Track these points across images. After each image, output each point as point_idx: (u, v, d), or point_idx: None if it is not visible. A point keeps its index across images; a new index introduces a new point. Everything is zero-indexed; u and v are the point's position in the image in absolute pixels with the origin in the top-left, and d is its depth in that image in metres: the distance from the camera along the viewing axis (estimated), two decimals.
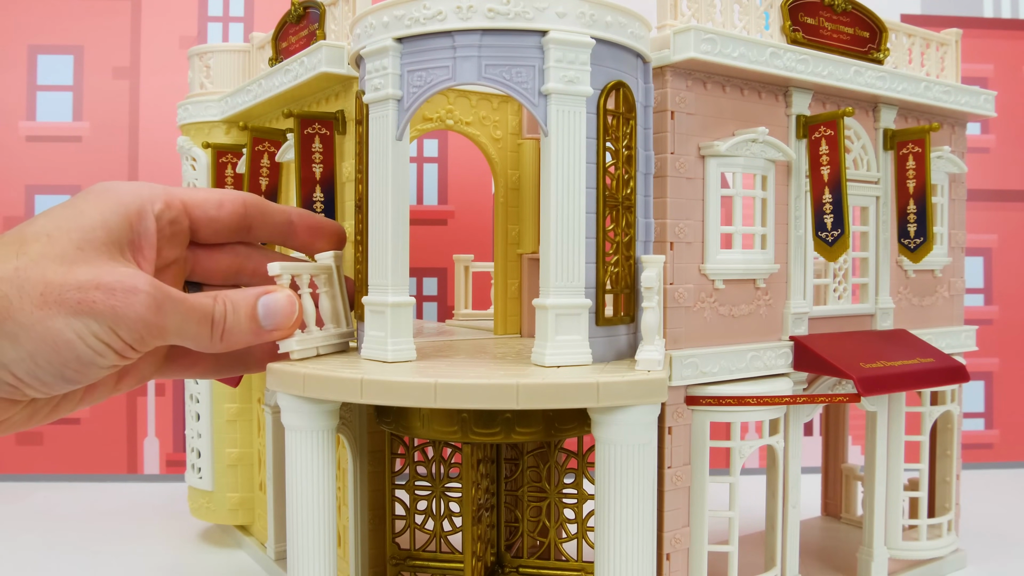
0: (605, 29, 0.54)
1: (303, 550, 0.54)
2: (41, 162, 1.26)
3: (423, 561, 0.72)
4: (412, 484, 0.73)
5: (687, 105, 0.65)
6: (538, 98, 0.53)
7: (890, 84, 0.76)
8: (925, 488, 0.83)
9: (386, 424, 0.62)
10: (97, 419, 1.26)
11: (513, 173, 0.85)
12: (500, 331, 0.84)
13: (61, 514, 1.08)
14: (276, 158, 0.81)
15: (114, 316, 0.39)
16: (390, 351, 0.55)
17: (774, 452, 0.70)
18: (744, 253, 0.68)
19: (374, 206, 0.56)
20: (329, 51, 0.69)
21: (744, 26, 0.69)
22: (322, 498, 0.54)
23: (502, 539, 0.74)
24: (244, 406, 0.94)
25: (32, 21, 1.26)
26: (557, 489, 0.72)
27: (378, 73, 0.55)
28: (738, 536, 0.68)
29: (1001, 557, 0.91)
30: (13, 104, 1.26)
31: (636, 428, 0.50)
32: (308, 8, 0.78)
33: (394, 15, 0.54)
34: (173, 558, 0.92)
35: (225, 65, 0.95)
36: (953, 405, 0.85)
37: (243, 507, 0.95)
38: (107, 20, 1.27)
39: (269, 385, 0.55)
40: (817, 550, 0.90)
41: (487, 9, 0.52)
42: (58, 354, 0.38)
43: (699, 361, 0.65)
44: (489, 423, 0.56)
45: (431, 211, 1.29)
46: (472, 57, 0.53)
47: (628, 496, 0.49)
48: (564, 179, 0.53)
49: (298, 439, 0.54)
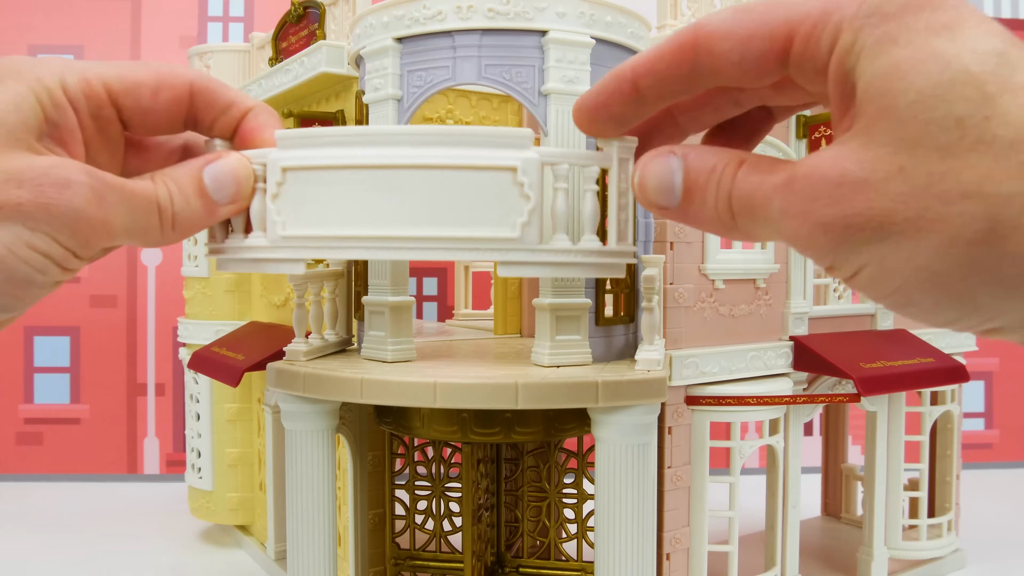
0: (605, 29, 0.54)
1: (303, 550, 0.54)
2: None
3: (423, 561, 0.72)
4: (412, 484, 0.73)
5: None
6: (538, 98, 0.53)
7: None
8: (925, 488, 0.83)
9: (386, 424, 0.62)
10: (97, 419, 1.26)
11: None
12: (500, 331, 0.84)
13: (61, 514, 1.08)
14: None
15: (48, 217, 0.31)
16: (390, 351, 0.55)
17: (774, 452, 0.70)
18: (744, 253, 0.69)
19: None
20: (329, 51, 0.69)
21: None
22: (322, 498, 0.54)
23: (502, 539, 0.74)
24: (244, 406, 0.94)
25: (32, 21, 1.26)
26: (557, 489, 0.72)
27: (378, 73, 0.55)
28: (738, 536, 0.68)
29: (1001, 557, 0.91)
30: None
31: (636, 428, 0.50)
32: (308, 8, 0.78)
33: (394, 15, 0.54)
34: (173, 558, 0.92)
35: (225, 65, 0.95)
36: (953, 405, 0.85)
37: (243, 507, 0.95)
38: (107, 20, 1.27)
39: (269, 384, 0.55)
40: (817, 550, 0.90)
41: (487, 9, 0.52)
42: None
43: (699, 361, 0.65)
44: (489, 423, 0.56)
45: None
46: (472, 57, 0.53)
47: (628, 496, 0.49)
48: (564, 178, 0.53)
49: (298, 439, 0.54)
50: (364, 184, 0.41)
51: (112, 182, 0.34)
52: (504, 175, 0.40)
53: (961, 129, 0.24)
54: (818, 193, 0.26)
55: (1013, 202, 0.23)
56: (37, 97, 0.33)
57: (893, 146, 0.25)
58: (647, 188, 0.33)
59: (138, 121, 0.38)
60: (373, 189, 0.41)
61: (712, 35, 0.30)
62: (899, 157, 0.25)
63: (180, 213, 0.37)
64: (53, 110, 0.34)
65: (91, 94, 0.35)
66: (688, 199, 0.32)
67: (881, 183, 0.25)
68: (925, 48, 0.25)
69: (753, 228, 0.30)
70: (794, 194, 0.27)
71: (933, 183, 0.24)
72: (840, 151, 0.26)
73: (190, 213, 0.38)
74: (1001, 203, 0.23)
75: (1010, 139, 0.24)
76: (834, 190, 0.26)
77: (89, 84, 0.35)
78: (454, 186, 0.40)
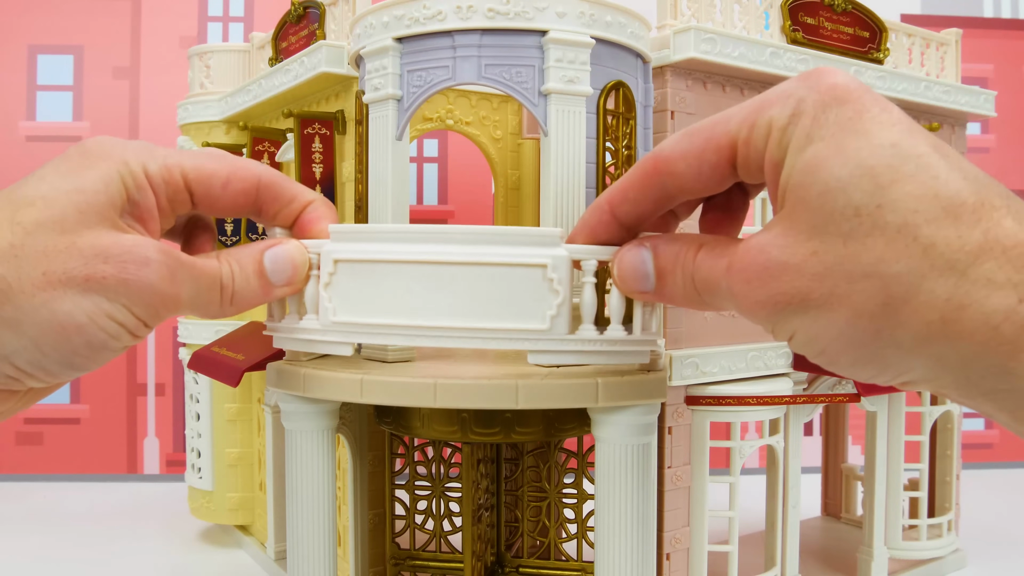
0: (605, 29, 0.54)
1: (303, 550, 0.54)
2: (41, 162, 1.25)
3: (423, 561, 0.72)
4: (412, 484, 0.73)
5: (687, 105, 0.65)
6: (538, 98, 0.53)
7: (890, 84, 0.76)
8: (925, 488, 0.83)
9: (386, 424, 0.62)
10: (97, 419, 1.26)
11: (513, 173, 0.85)
12: None
13: (61, 514, 1.08)
14: (276, 158, 0.81)
15: (127, 291, 0.35)
16: (390, 351, 0.55)
17: (774, 452, 0.70)
18: None
19: (374, 206, 0.56)
20: (329, 51, 0.69)
21: (744, 26, 0.69)
22: (322, 498, 0.54)
23: (502, 539, 0.74)
24: (244, 406, 0.94)
25: (32, 21, 1.26)
26: (557, 489, 0.72)
27: (378, 73, 0.55)
28: (738, 536, 0.68)
29: (1001, 557, 0.91)
30: (13, 104, 1.26)
31: (636, 428, 0.50)
32: (308, 8, 0.78)
33: (394, 15, 0.54)
34: (173, 558, 0.92)
35: (225, 65, 0.95)
36: (953, 405, 0.85)
37: (243, 507, 0.95)
38: (107, 20, 1.27)
39: (269, 384, 0.55)
40: (817, 550, 0.90)
41: (487, 9, 0.52)
42: (67, 340, 0.33)
43: (699, 361, 0.65)
44: (489, 423, 0.56)
45: (431, 211, 1.29)
46: (472, 57, 0.53)
47: (628, 496, 0.49)
48: (564, 179, 0.53)
49: (298, 439, 0.54)
50: (407, 277, 0.45)
51: (184, 260, 0.38)
52: (536, 271, 0.44)
53: (859, 217, 0.28)
54: (750, 277, 0.31)
55: (902, 280, 0.27)
56: (123, 179, 0.37)
57: (807, 233, 0.30)
58: (625, 278, 0.39)
59: (206, 205, 0.42)
60: (415, 282, 0.45)
61: (669, 158, 0.36)
62: (812, 242, 0.29)
63: (240, 291, 0.42)
64: (136, 192, 0.38)
65: (170, 180, 0.39)
66: (661, 282, 0.38)
67: (799, 265, 0.30)
68: (833, 144, 0.29)
69: (717, 302, 0.35)
70: (734, 277, 0.33)
71: (840, 264, 0.29)
72: (767, 238, 0.31)
73: (248, 291, 0.42)
74: (892, 281, 0.27)
75: (898, 224, 0.27)
76: (763, 273, 0.31)
77: (169, 171, 0.39)
78: (489, 281, 0.44)
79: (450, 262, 0.44)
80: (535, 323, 0.44)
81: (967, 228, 0.27)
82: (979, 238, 0.27)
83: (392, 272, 0.45)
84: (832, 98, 0.30)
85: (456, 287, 0.44)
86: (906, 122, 0.30)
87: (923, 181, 0.28)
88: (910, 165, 0.28)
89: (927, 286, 0.27)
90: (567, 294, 0.44)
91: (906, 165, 0.28)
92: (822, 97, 0.31)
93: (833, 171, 0.29)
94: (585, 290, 0.44)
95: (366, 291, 0.46)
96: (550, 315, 0.44)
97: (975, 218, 0.27)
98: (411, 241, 0.45)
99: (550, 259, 0.43)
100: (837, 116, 0.30)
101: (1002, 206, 0.27)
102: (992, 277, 0.26)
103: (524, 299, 0.44)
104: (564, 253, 0.43)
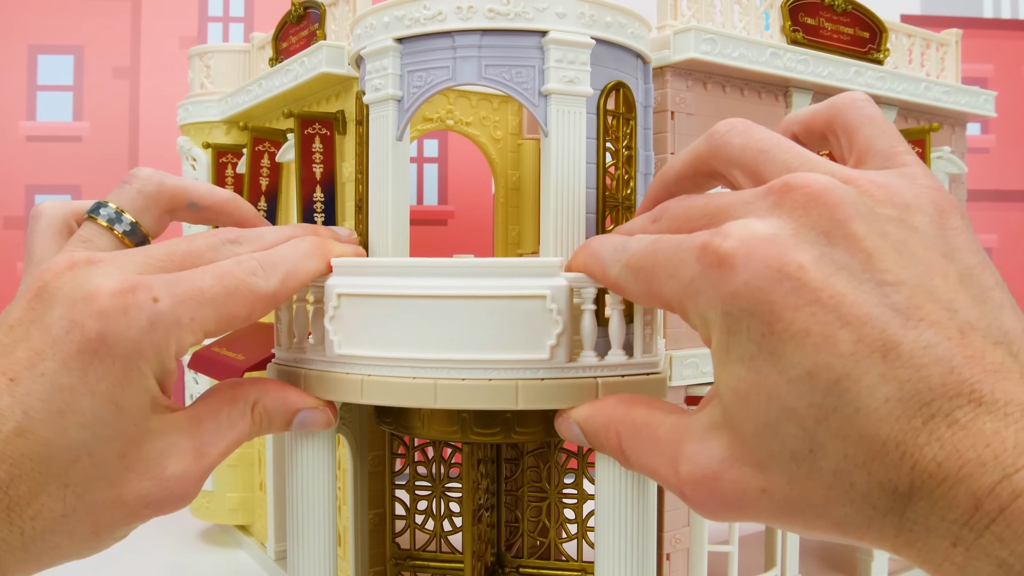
0: (605, 29, 0.54)
1: (303, 550, 0.54)
2: (41, 162, 1.27)
3: (423, 561, 0.72)
4: (412, 484, 0.73)
5: (687, 105, 0.65)
6: (538, 98, 0.53)
7: (890, 84, 0.76)
8: None
9: (386, 424, 0.62)
10: None
11: (513, 173, 0.85)
12: None
13: None
14: (276, 158, 0.81)
15: (161, 513, 0.39)
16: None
17: None
18: None
19: (374, 206, 0.56)
20: (329, 51, 0.69)
21: (744, 26, 0.69)
22: (322, 498, 0.54)
23: (502, 539, 0.74)
24: None
25: (32, 21, 1.26)
26: (557, 489, 0.72)
27: (378, 73, 0.55)
28: (738, 536, 0.68)
29: None
30: (13, 104, 1.26)
31: None
32: (308, 8, 0.78)
33: (394, 15, 0.54)
34: (173, 558, 0.92)
35: (225, 65, 0.95)
36: None
37: (243, 507, 0.95)
38: (107, 20, 1.27)
39: None
40: (817, 550, 0.90)
41: (487, 9, 0.52)
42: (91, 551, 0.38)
43: (699, 361, 0.65)
44: (489, 423, 0.56)
45: (431, 211, 1.29)
46: (472, 57, 0.53)
47: (628, 496, 0.49)
48: (564, 179, 0.53)
49: (298, 439, 0.54)
50: (409, 311, 0.46)
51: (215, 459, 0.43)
52: (536, 302, 0.44)
53: (796, 463, 0.29)
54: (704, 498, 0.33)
55: (851, 520, 0.28)
56: (155, 374, 0.40)
57: (752, 467, 0.30)
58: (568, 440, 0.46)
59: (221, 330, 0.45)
60: (417, 315, 0.46)
61: None
62: (759, 478, 0.30)
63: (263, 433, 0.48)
64: (165, 376, 0.42)
65: (195, 341, 0.43)
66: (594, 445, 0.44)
67: (753, 503, 0.31)
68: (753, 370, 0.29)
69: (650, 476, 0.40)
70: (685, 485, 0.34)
71: (789, 504, 0.30)
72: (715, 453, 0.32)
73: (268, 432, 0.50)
74: (843, 520, 0.28)
75: (832, 470, 0.28)
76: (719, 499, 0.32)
77: (193, 335, 0.42)
78: (490, 313, 0.45)
79: (451, 295, 0.45)
80: (536, 353, 0.45)
81: (895, 470, 0.26)
82: (907, 479, 0.26)
83: (394, 306, 0.46)
84: (737, 309, 0.29)
85: (457, 320, 0.45)
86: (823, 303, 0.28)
87: (846, 417, 0.27)
88: (832, 399, 0.27)
89: (876, 524, 0.27)
90: (567, 323, 0.44)
91: (827, 400, 0.27)
92: (727, 307, 0.30)
93: (760, 410, 0.29)
94: (584, 317, 0.45)
95: (369, 325, 0.47)
96: (550, 345, 0.44)
97: (899, 454, 0.26)
98: (412, 275, 0.46)
99: (549, 290, 0.44)
100: (749, 333, 0.29)
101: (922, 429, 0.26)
102: (926, 522, 0.26)
103: (525, 330, 0.44)
104: (563, 283, 0.44)
